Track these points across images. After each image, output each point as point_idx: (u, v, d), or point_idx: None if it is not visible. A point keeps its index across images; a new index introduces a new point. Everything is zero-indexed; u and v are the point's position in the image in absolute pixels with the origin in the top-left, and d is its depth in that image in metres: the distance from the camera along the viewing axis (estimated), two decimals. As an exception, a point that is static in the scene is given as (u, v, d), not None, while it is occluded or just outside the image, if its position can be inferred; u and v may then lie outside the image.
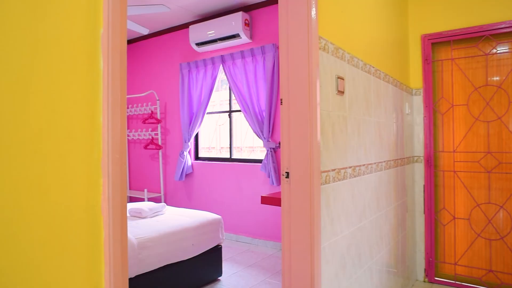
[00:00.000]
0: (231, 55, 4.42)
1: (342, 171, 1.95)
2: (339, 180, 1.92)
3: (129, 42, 5.55)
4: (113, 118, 0.82)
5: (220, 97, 4.99)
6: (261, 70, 4.23)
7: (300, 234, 1.66)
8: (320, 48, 1.74)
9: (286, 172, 1.76)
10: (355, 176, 2.10)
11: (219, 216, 3.28)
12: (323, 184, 1.76)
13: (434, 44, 3.13)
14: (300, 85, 1.68)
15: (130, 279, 2.43)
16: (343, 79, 1.96)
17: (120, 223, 0.83)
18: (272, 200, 2.36)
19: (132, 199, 5.28)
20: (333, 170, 1.86)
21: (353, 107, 2.09)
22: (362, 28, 2.30)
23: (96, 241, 0.84)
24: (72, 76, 0.80)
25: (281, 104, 1.76)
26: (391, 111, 2.74)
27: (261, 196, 2.39)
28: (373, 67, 2.41)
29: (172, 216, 3.17)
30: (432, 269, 3.15)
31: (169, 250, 2.71)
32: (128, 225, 2.82)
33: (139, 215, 3.09)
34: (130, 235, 2.52)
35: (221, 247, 3.27)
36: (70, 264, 0.80)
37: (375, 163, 2.41)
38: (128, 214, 3.20)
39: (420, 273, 3.22)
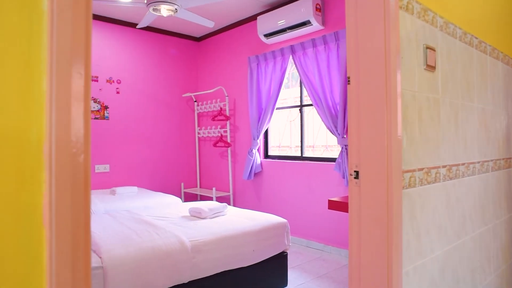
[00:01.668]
0: (301, 44, 4.06)
1: (433, 171, 1.48)
2: (429, 183, 1.46)
3: (197, 39, 5.53)
4: (62, 82, 0.55)
5: (290, 94, 4.66)
6: (334, 59, 3.80)
7: (373, 253, 1.26)
8: (401, 8, 1.32)
9: (355, 171, 1.37)
10: (451, 178, 1.60)
11: (284, 220, 2.95)
12: (406, 188, 1.33)
13: None
14: (373, 57, 1.28)
15: (183, 285, 2.24)
16: (434, 50, 1.49)
17: (72, 238, 0.56)
18: (342, 206, 1.96)
19: (202, 198, 5.24)
20: (420, 169, 1.41)
21: (448, 88, 1.60)
22: (460, -14, 1.78)
23: (35, 265, 0.56)
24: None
25: (349, 83, 1.37)
26: (502, 96, 2.13)
27: (328, 200, 2.01)
28: (476, 38, 1.86)
29: (232, 217, 2.93)
30: (559, 303, 2.41)
31: (227, 255, 2.47)
32: (185, 226, 2.65)
33: (198, 215, 2.92)
34: (184, 237, 2.33)
35: (286, 254, 2.94)
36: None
37: (478, 162, 1.86)
38: (188, 214, 3.05)
39: (542, 306, 2.50)
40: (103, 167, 4.51)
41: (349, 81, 1.36)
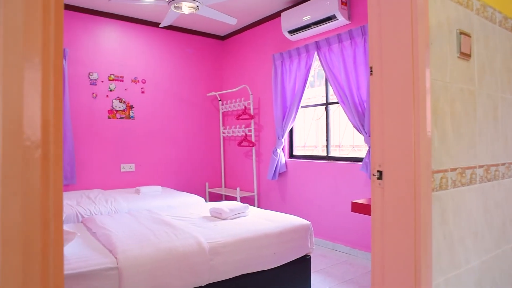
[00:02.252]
0: (327, 40, 3.92)
1: (468, 171, 1.33)
2: (463, 184, 1.31)
3: (222, 38, 5.49)
4: (10, 63, 0.46)
5: (316, 92, 4.51)
6: (361, 54, 3.63)
7: (399, 262, 1.13)
8: (430, -12, 1.18)
9: (378, 171, 1.25)
10: (489, 180, 1.44)
11: (307, 222, 2.83)
12: (437, 190, 1.19)
13: None
14: (398, 43, 1.15)
15: (201, 287, 2.18)
16: (469, 36, 1.34)
17: (23, 249, 0.46)
18: (366, 208, 1.83)
19: (226, 198, 5.19)
20: (453, 169, 1.26)
21: (485, 78, 1.44)
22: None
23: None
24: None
25: (371, 74, 1.25)
26: (548, 89, 1.92)
27: (352, 202, 1.89)
28: (519, 24, 1.67)
29: (254, 219, 2.85)
30: None
31: (246, 258, 2.39)
32: (204, 226, 2.59)
33: (219, 216, 2.86)
34: (202, 238, 2.27)
35: (309, 258, 2.82)
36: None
37: (522, 162, 1.67)
38: (208, 214, 3.00)
39: None
40: (128, 166, 4.56)
41: (371, 71, 1.24)
